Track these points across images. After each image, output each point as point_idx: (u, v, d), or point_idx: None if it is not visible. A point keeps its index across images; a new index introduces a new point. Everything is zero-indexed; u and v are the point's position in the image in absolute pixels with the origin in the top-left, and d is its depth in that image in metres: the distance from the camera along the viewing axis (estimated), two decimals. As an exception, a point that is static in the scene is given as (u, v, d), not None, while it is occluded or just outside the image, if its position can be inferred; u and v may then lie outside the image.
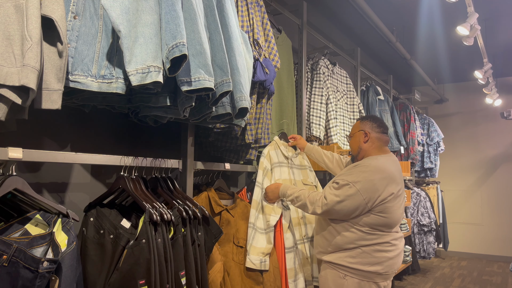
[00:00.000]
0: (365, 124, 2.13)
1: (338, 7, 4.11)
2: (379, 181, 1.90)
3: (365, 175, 1.92)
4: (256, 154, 2.32)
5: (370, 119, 2.16)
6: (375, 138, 2.09)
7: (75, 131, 1.77)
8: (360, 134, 2.11)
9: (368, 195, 1.88)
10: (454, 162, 6.98)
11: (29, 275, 1.04)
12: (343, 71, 3.54)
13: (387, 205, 1.91)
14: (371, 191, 1.88)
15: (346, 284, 1.93)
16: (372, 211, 1.90)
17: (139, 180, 1.59)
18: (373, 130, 2.10)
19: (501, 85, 6.53)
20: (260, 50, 2.07)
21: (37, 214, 1.22)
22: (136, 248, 1.34)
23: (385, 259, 1.93)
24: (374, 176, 1.91)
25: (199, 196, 2.02)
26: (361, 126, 2.13)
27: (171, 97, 1.45)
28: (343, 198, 1.89)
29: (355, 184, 1.89)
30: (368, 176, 1.91)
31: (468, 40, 3.82)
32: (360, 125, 2.15)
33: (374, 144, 2.09)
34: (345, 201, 1.89)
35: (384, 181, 1.91)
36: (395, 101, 5.41)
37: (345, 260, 1.94)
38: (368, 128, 2.11)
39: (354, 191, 1.88)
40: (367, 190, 1.88)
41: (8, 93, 1.01)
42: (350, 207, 1.88)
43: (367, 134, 2.10)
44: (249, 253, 2.01)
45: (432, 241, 5.21)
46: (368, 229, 1.92)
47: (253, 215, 2.10)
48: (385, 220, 1.92)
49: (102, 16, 1.31)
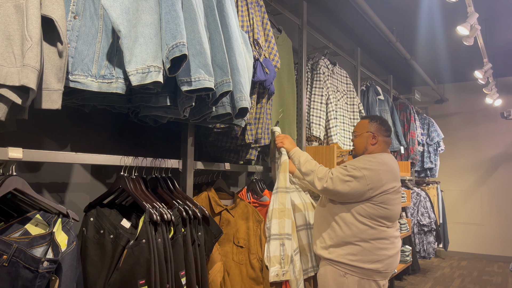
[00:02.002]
0: (374, 126, 2.16)
1: (338, 7, 4.11)
2: (384, 172, 1.98)
3: (372, 164, 2.00)
4: (256, 154, 2.32)
5: (379, 121, 2.18)
6: (382, 141, 2.15)
7: (75, 131, 1.77)
8: (369, 135, 2.14)
9: (373, 182, 1.95)
10: (454, 162, 6.97)
11: (29, 275, 1.04)
12: (343, 71, 3.54)
13: (390, 196, 1.98)
14: (375, 180, 1.95)
15: (346, 282, 1.94)
16: (372, 200, 1.95)
17: (139, 180, 1.59)
18: (381, 134, 2.15)
19: (501, 85, 6.52)
20: (260, 50, 2.07)
21: (37, 214, 1.22)
22: (136, 248, 1.34)
23: (385, 257, 1.95)
24: (380, 167, 1.99)
25: (199, 196, 2.02)
26: (370, 128, 2.16)
27: (171, 97, 1.45)
28: (349, 179, 1.95)
29: (362, 170, 1.96)
30: (375, 166, 1.99)
31: (468, 40, 3.82)
32: (369, 126, 2.16)
33: (380, 147, 2.14)
34: (350, 182, 1.94)
35: (388, 173, 2.00)
36: (395, 101, 5.41)
37: (345, 257, 1.95)
38: (377, 130, 2.15)
39: (361, 175, 1.95)
40: (372, 177, 1.95)
41: (8, 93, 1.01)
42: (353, 188, 1.94)
43: (375, 137, 2.14)
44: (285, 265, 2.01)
45: (432, 241, 5.21)
46: (370, 221, 1.96)
47: (287, 225, 2.06)
48: (386, 211, 1.97)
49: (102, 16, 1.31)
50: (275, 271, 1.97)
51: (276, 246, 2.01)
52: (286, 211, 2.08)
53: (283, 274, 1.99)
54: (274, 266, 1.98)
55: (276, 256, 1.99)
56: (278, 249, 2.01)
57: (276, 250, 2.00)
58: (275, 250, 2.00)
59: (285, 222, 2.06)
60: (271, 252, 1.99)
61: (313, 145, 3.01)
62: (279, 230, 2.04)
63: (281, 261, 2.00)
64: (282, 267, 1.99)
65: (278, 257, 1.99)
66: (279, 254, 2.00)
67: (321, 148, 2.76)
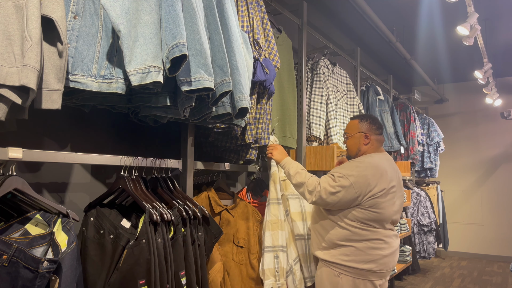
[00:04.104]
0: (365, 126, 2.13)
1: (338, 7, 4.11)
2: (371, 176, 1.95)
3: (359, 169, 1.96)
4: (256, 154, 2.32)
5: (370, 120, 2.15)
6: (374, 140, 2.13)
7: (75, 131, 1.77)
8: (361, 136, 2.12)
9: (360, 189, 1.92)
10: (454, 162, 6.97)
11: (29, 275, 1.04)
12: (343, 71, 3.54)
13: (378, 200, 1.94)
14: (363, 186, 1.92)
15: (340, 282, 1.94)
16: (362, 205, 1.93)
17: (139, 180, 1.59)
18: (373, 132, 2.12)
19: (501, 85, 6.52)
20: (260, 50, 2.06)
21: (37, 214, 1.22)
22: (136, 248, 1.34)
23: (379, 256, 1.94)
24: (367, 171, 1.96)
25: (199, 196, 2.02)
26: (361, 128, 2.13)
27: (171, 97, 1.45)
28: (337, 189, 1.92)
29: (349, 177, 1.93)
30: (362, 171, 1.96)
31: (468, 40, 3.82)
32: (360, 126, 2.14)
33: (373, 146, 2.12)
34: (338, 193, 1.92)
35: (376, 176, 1.96)
36: (395, 101, 5.40)
37: (339, 258, 1.95)
38: (368, 130, 2.12)
39: (348, 184, 1.92)
40: (360, 184, 1.92)
41: (8, 93, 1.01)
42: (342, 199, 1.92)
43: (367, 136, 2.11)
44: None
45: (432, 241, 5.21)
46: (360, 224, 1.94)
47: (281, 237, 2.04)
48: (376, 215, 1.95)
49: (102, 16, 1.31)
50: (269, 284, 1.96)
51: (270, 258, 1.99)
52: (279, 223, 2.06)
53: (278, 287, 1.98)
54: (268, 279, 1.97)
55: (270, 269, 1.98)
56: (272, 261, 1.99)
57: (270, 263, 1.99)
58: (269, 263, 1.98)
59: (278, 234, 2.04)
60: (265, 265, 1.98)
61: (313, 145, 3.01)
62: (272, 242, 2.02)
63: (275, 274, 1.98)
64: (277, 280, 1.98)
65: (272, 270, 1.98)
66: (273, 267, 1.99)
67: (321, 148, 2.76)
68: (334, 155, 2.68)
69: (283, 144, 2.62)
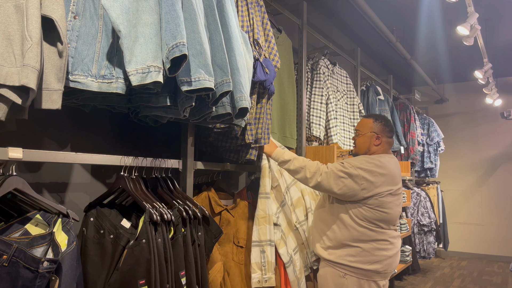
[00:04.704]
0: (379, 127, 2.13)
1: (338, 7, 4.11)
2: (379, 175, 1.96)
3: (369, 165, 1.98)
4: (256, 154, 2.32)
5: (384, 122, 2.15)
6: (385, 142, 2.14)
7: (75, 131, 1.77)
8: (372, 136, 2.12)
9: (367, 183, 1.93)
10: (454, 162, 6.97)
11: (29, 275, 1.04)
12: (343, 71, 3.54)
13: (385, 199, 1.96)
14: (370, 181, 1.94)
15: (346, 283, 1.94)
16: (367, 203, 1.94)
17: (139, 180, 1.59)
18: (385, 135, 2.13)
19: (501, 85, 6.52)
20: (260, 50, 2.06)
21: (37, 214, 1.22)
22: (136, 248, 1.34)
23: (385, 257, 1.95)
24: (377, 169, 1.97)
25: (199, 196, 2.02)
26: (374, 128, 2.13)
27: (171, 97, 1.45)
28: (344, 175, 1.94)
29: (357, 169, 1.95)
30: (372, 167, 1.97)
31: (468, 40, 3.82)
32: (374, 126, 2.13)
33: (382, 148, 2.13)
34: (344, 179, 1.93)
35: (383, 177, 1.97)
36: (395, 101, 5.40)
37: (345, 258, 1.95)
38: (381, 131, 2.13)
39: (356, 173, 1.94)
40: (367, 178, 1.94)
41: (8, 93, 1.01)
42: (347, 186, 1.93)
43: (379, 138, 2.11)
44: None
45: (432, 241, 5.21)
46: (368, 223, 1.95)
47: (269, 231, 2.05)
48: (384, 215, 1.96)
49: (102, 16, 1.31)
50: (256, 278, 1.97)
51: (257, 253, 2.01)
52: (266, 217, 2.06)
53: (265, 281, 1.99)
54: (255, 273, 1.98)
55: (257, 263, 1.99)
56: (259, 256, 2.00)
57: (257, 257, 2.00)
58: (256, 257, 2.00)
59: (266, 228, 2.04)
60: (253, 258, 2.00)
61: (313, 145, 3.01)
62: (259, 237, 2.03)
63: (262, 268, 1.99)
64: (264, 274, 1.99)
65: (259, 264, 1.99)
66: (260, 261, 2.00)
67: (321, 148, 2.76)
68: (334, 155, 2.69)
69: (283, 144, 2.62)
